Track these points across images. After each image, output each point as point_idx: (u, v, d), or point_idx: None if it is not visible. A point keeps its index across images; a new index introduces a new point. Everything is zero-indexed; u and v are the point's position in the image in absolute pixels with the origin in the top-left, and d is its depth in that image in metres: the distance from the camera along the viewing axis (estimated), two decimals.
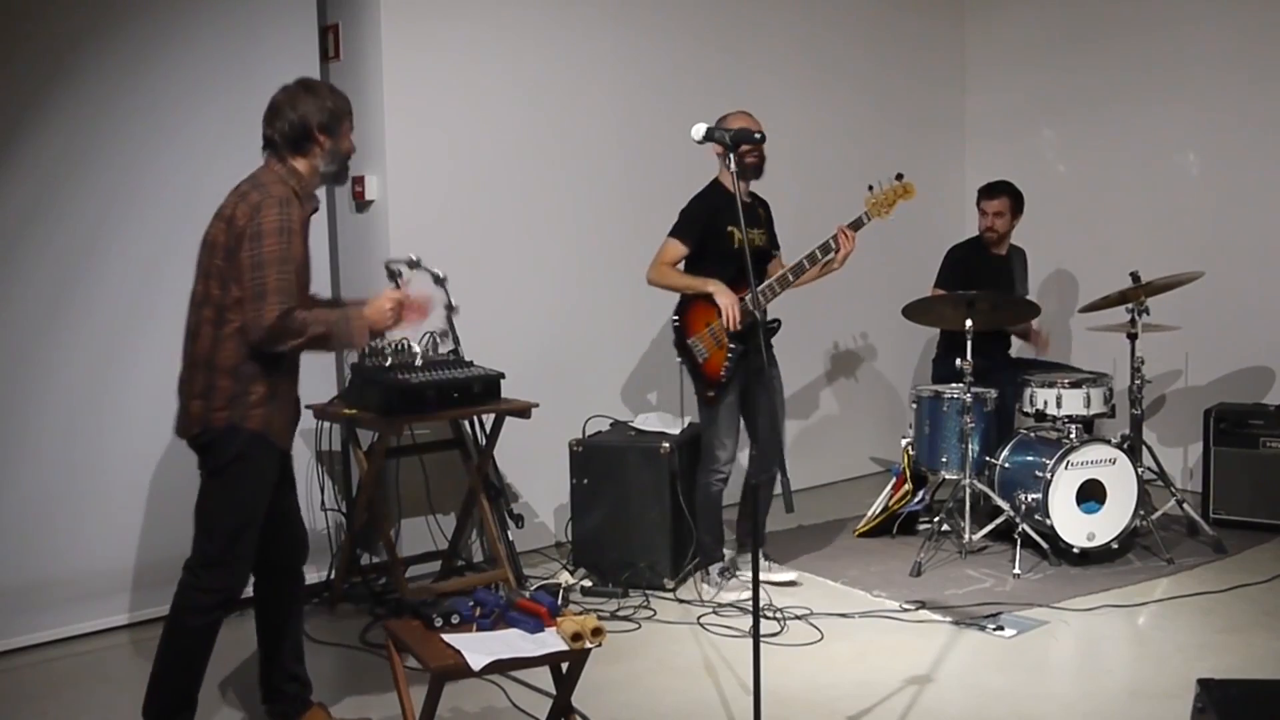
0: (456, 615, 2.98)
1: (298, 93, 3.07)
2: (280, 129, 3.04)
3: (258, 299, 2.87)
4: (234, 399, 2.97)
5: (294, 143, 3.05)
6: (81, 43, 4.02)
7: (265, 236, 2.88)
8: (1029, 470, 4.83)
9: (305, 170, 3.07)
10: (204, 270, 3.01)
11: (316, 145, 3.06)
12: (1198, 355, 6.03)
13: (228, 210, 2.98)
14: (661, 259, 4.43)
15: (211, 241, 2.99)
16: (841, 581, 4.65)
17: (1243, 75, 5.87)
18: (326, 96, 3.09)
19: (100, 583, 4.12)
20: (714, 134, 3.00)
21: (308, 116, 3.03)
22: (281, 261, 2.89)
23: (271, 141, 3.07)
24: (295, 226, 2.95)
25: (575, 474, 4.64)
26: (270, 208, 2.91)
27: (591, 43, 5.37)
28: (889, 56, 6.69)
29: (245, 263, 2.89)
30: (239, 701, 3.55)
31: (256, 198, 2.94)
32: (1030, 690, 3.54)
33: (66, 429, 4.04)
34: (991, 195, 5.51)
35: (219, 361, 2.96)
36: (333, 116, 3.07)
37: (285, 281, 2.89)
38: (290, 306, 2.89)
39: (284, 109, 3.05)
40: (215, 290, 2.96)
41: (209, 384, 2.97)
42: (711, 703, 3.49)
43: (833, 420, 6.51)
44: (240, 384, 2.97)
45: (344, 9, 4.80)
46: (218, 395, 2.97)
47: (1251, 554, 4.88)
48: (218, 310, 2.96)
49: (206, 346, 2.97)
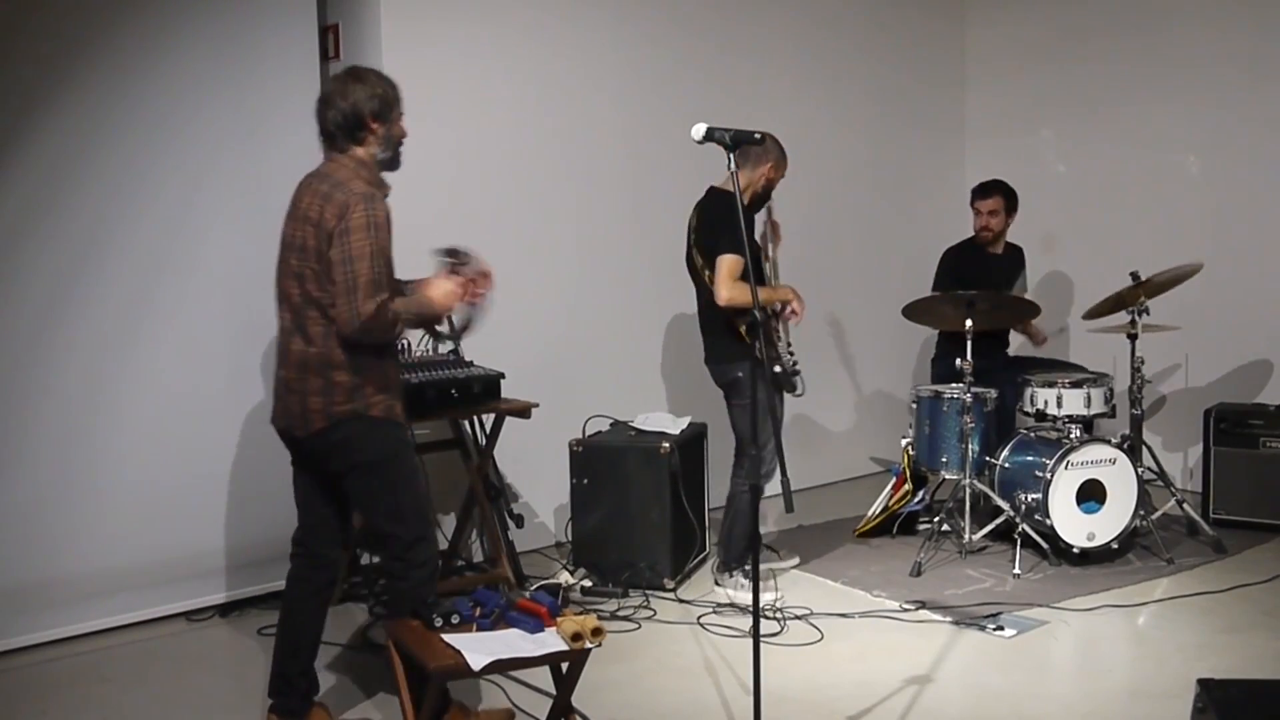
0: (456, 615, 2.99)
1: (347, 81, 3.11)
2: (334, 119, 3.08)
3: (350, 294, 2.93)
4: (354, 391, 3.05)
5: (349, 132, 3.09)
6: (81, 42, 4.01)
7: (354, 232, 2.94)
8: (1029, 470, 4.83)
9: (365, 158, 3.12)
10: (295, 273, 3.07)
11: (370, 133, 3.10)
12: (1198, 355, 6.03)
13: (314, 213, 3.02)
14: (732, 275, 4.23)
15: (302, 245, 3.04)
16: (841, 581, 4.65)
17: (1243, 75, 5.87)
18: (375, 83, 3.12)
19: (100, 583, 4.11)
20: (714, 134, 3.01)
21: (359, 105, 3.07)
22: (372, 256, 2.95)
23: (327, 133, 3.12)
24: (382, 220, 3.00)
25: (575, 474, 4.64)
26: (357, 205, 2.96)
27: (592, 42, 5.37)
28: (889, 56, 6.69)
29: (336, 259, 2.95)
30: (241, 702, 3.55)
31: (341, 197, 2.98)
32: (1030, 690, 3.54)
33: (66, 429, 4.04)
34: (985, 195, 5.51)
35: (334, 358, 3.04)
36: (383, 103, 3.11)
37: (377, 275, 2.95)
38: (384, 300, 2.96)
39: (335, 99, 3.09)
40: (315, 291, 3.03)
41: (327, 381, 3.04)
42: (711, 703, 3.49)
43: (833, 420, 6.51)
44: (358, 377, 3.05)
45: (344, 9, 4.81)
46: (338, 390, 3.04)
47: (1251, 554, 4.88)
48: (322, 310, 3.02)
49: (319, 346, 3.04)
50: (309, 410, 3.07)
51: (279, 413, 3.19)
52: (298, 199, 3.12)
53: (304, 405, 3.08)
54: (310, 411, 3.07)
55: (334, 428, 3.06)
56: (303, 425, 3.10)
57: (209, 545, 4.34)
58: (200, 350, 4.29)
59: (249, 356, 4.39)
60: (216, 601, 4.37)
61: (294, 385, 3.09)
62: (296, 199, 3.12)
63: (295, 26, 4.51)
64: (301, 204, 3.08)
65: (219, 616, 4.34)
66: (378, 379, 3.09)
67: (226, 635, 4.19)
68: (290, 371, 3.10)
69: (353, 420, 3.06)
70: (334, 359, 3.04)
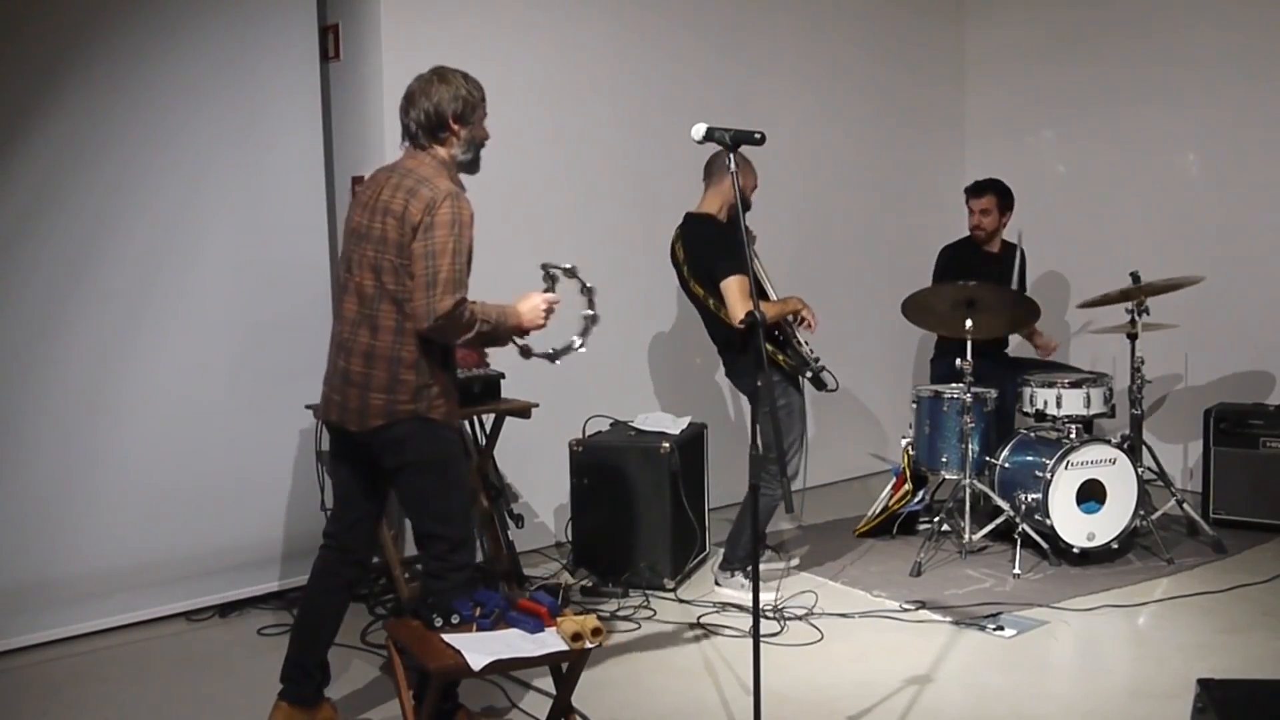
0: (456, 615, 2.98)
1: (431, 81, 3.12)
2: (416, 118, 3.10)
3: (429, 288, 2.94)
4: (419, 392, 3.05)
5: (431, 132, 3.10)
6: (81, 42, 4.01)
7: (438, 228, 2.95)
8: (1029, 470, 4.83)
9: (446, 159, 3.13)
10: (372, 265, 3.05)
11: (452, 134, 3.12)
12: (1198, 355, 6.03)
13: (397, 206, 3.01)
14: (743, 295, 4.23)
15: (381, 237, 3.04)
16: (841, 581, 4.65)
17: (1243, 75, 5.87)
18: (460, 85, 3.13)
19: (99, 583, 4.11)
20: (714, 133, 3.01)
21: (442, 105, 3.09)
22: (454, 253, 2.96)
23: (409, 131, 3.13)
24: (467, 219, 3.01)
25: (575, 474, 4.64)
26: (444, 200, 2.97)
27: (592, 43, 5.37)
28: (889, 56, 6.69)
29: (418, 253, 2.95)
30: (240, 702, 3.55)
31: (428, 193, 2.99)
32: (1030, 690, 3.54)
33: (66, 428, 4.04)
34: (978, 194, 5.52)
35: (404, 355, 3.03)
36: (466, 105, 3.12)
37: (457, 273, 2.96)
38: (462, 298, 2.97)
39: (418, 98, 3.10)
40: (391, 284, 3.02)
41: (393, 378, 3.04)
42: (711, 703, 3.49)
43: (833, 420, 6.51)
44: (422, 377, 3.05)
45: (344, 9, 4.81)
46: (403, 389, 3.04)
47: (1251, 554, 4.88)
48: (396, 305, 3.02)
49: (389, 341, 3.04)
50: (369, 406, 3.06)
51: (332, 406, 3.16)
52: (375, 190, 3.11)
53: (364, 400, 3.06)
54: (371, 407, 3.05)
55: (393, 425, 3.05)
56: (359, 420, 3.08)
57: (209, 545, 4.33)
58: (200, 350, 4.29)
59: (249, 356, 4.39)
60: (216, 601, 4.37)
61: (356, 378, 3.07)
62: (374, 190, 3.11)
63: (295, 26, 4.51)
64: (382, 195, 3.07)
65: (219, 616, 4.34)
66: (442, 381, 3.10)
67: (226, 635, 4.19)
68: (355, 364, 3.08)
69: (413, 420, 3.06)
70: (403, 357, 3.03)
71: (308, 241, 4.60)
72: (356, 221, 3.14)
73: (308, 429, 4.52)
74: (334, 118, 4.87)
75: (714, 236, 4.38)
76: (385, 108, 4.70)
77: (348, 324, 3.12)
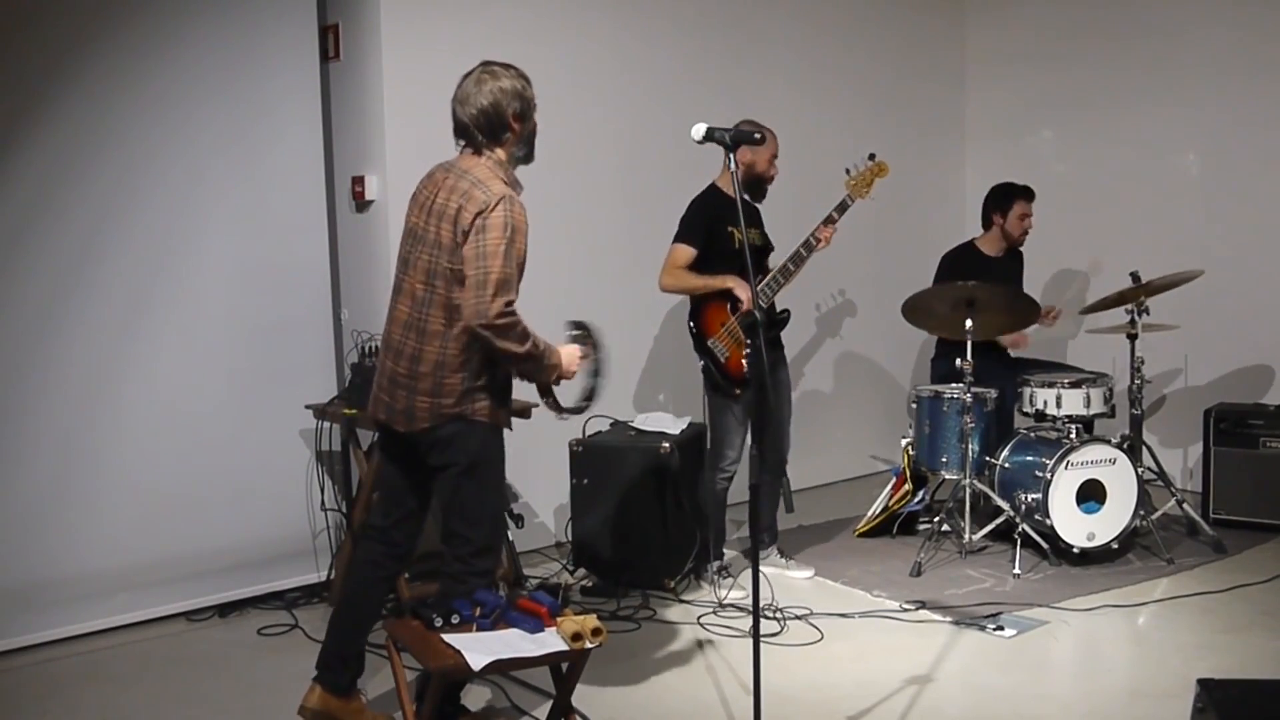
0: (456, 615, 2.98)
1: (484, 80, 3.08)
2: (475, 118, 3.07)
3: (479, 289, 2.93)
4: (464, 395, 3.05)
5: (492, 132, 3.08)
6: (81, 42, 4.01)
7: (490, 230, 2.94)
8: (1029, 470, 4.83)
9: (504, 158, 3.12)
10: (427, 268, 3.05)
11: (512, 133, 3.11)
12: (1198, 355, 6.03)
13: (451, 208, 3.01)
14: (672, 264, 4.43)
15: (436, 240, 3.03)
16: (841, 581, 4.65)
17: (1243, 75, 5.87)
18: (514, 80, 3.11)
19: (99, 583, 4.11)
20: (714, 134, 3.01)
21: (500, 104, 3.07)
22: (506, 256, 2.95)
23: (465, 130, 3.10)
24: (520, 223, 3.00)
25: (575, 474, 4.64)
26: (498, 203, 2.96)
27: (592, 43, 5.37)
28: (889, 56, 6.69)
29: (469, 254, 2.95)
30: (240, 702, 3.55)
31: (481, 195, 2.98)
32: (1030, 690, 3.54)
33: (66, 429, 4.04)
34: (1032, 197, 5.47)
35: (450, 360, 3.03)
36: (525, 102, 3.11)
37: (508, 275, 2.95)
38: (512, 301, 2.96)
39: (473, 97, 3.07)
40: (443, 289, 3.03)
41: (438, 382, 3.04)
42: (711, 703, 3.49)
43: (833, 420, 6.51)
44: (470, 381, 3.05)
45: (344, 9, 4.80)
46: (448, 392, 3.04)
47: (1251, 554, 4.88)
48: (446, 309, 3.02)
49: (438, 346, 3.04)
50: (415, 408, 3.06)
51: (380, 406, 3.17)
52: (433, 190, 3.09)
53: (411, 403, 3.07)
54: (417, 409, 3.06)
55: (438, 426, 3.06)
56: (406, 421, 3.09)
57: (208, 545, 4.34)
58: (200, 350, 4.29)
59: (248, 356, 4.39)
60: (216, 601, 4.37)
61: (403, 381, 3.08)
62: (431, 190, 3.10)
63: (295, 26, 4.52)
64: (438, 198, 3.06)
65: (218, 617, 4.34)
66: (489, 384, 3.09)
67: (226, 635, 4.19)
68: (402, 366, 3.09)
69: (457, 420, 3.06)
70: (449, 361, 3.03)
71: (307, 242, 4.60)
72: (414, 222, 3.13)
73: (307, 429, 4.53)
74: (334, 118, 4.87)
75: (692, 204, 4.49)
76: (385, 108, 4.70)
77: (399, 326, 3.13)
